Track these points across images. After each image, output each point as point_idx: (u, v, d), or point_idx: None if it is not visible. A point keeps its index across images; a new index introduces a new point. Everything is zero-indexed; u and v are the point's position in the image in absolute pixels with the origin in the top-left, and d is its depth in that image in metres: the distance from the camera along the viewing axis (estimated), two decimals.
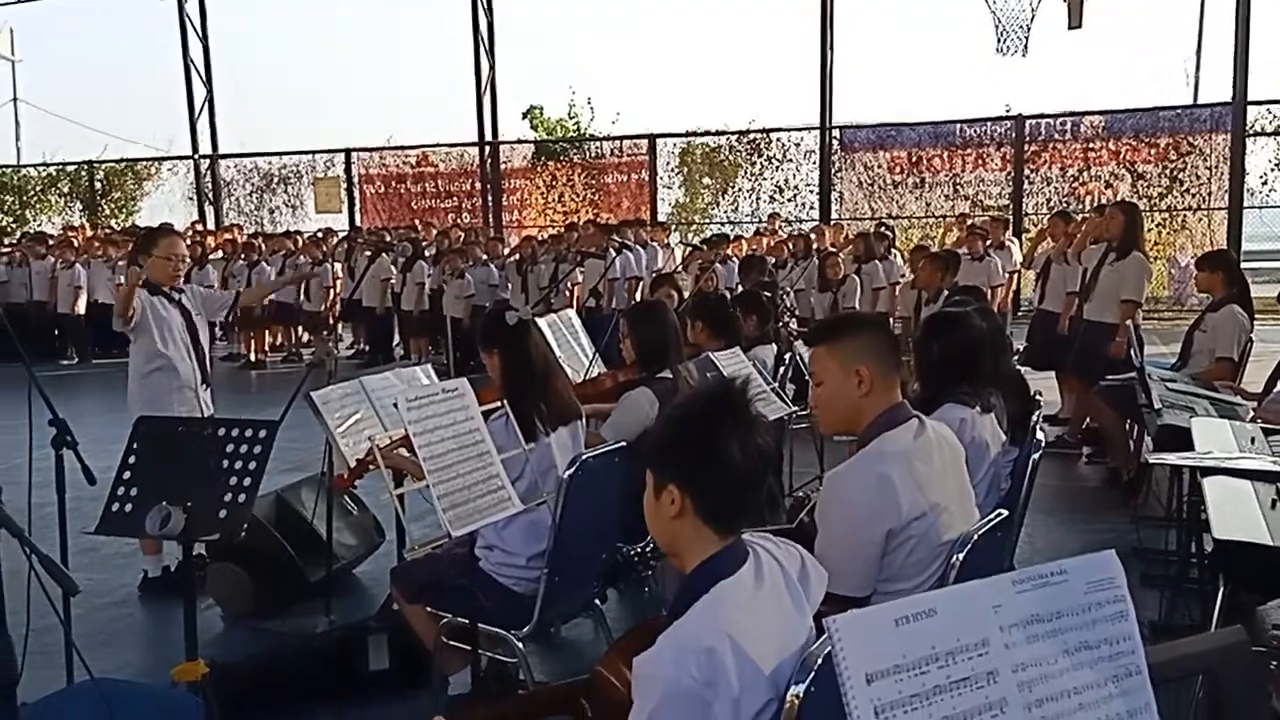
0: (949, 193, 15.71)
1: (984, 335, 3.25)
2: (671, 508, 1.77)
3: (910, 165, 15.84)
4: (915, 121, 16.00)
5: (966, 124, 15.64)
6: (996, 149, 15.54)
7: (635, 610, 4.62)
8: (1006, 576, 1.26)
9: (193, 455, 2.95)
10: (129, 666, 4.00)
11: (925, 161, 15.77)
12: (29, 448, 2.80)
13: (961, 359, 3.17)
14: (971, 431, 2.98)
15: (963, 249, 9.83)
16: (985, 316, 3.51)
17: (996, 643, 1.21)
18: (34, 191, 20.52)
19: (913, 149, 15.86)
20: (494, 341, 3.40)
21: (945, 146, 15.71)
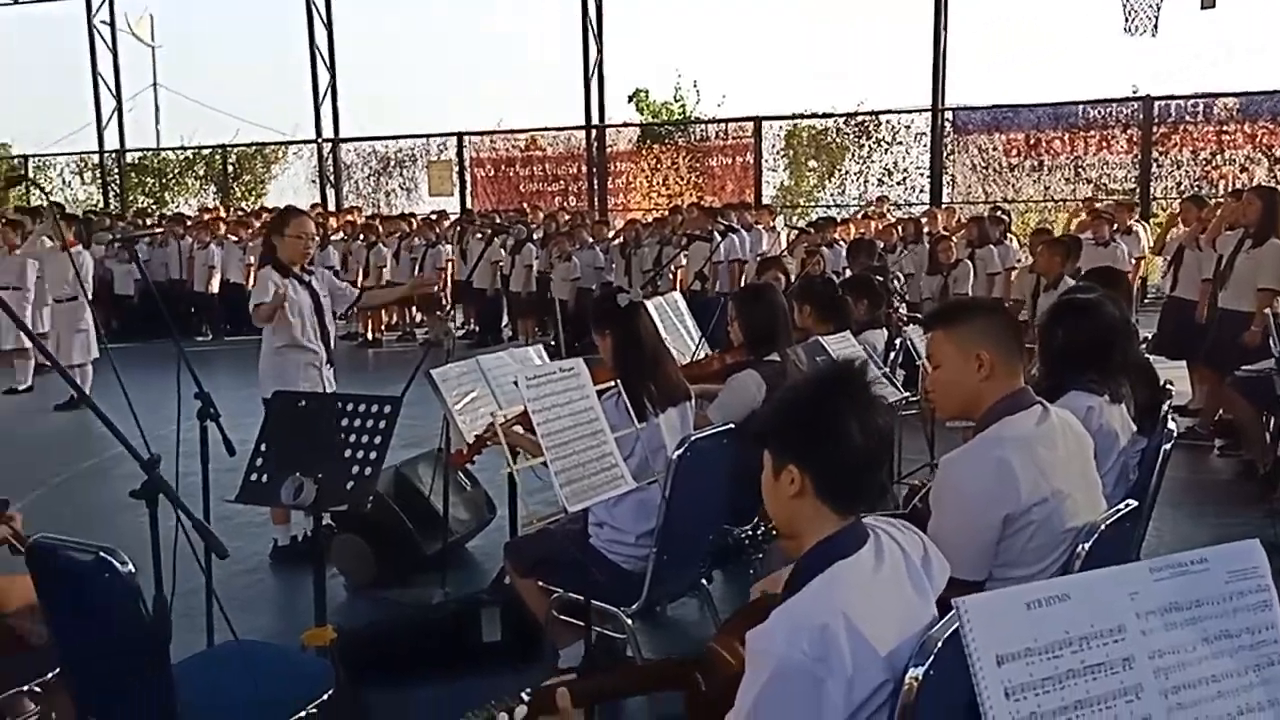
0: (1069, 176, 15.17)
1: (1115, 322, 3.16)
2: (791, 487, 1.78)
3: (1028, 148, 15.35)
4: (1034, 103, 15.48)
5: (1089, 105, 15.06)
6: (1122, 131, 14.93)
7: (741, 592, 4.63)
8: (1143, 564, 1.24)
9: (322, 430, 3.09)
10: (260, 630, 4.20)
11: (1044, 144, 15.26)
12: (177, 419, 2.97)
13: (1090, 346, 3.09)
14: (1099, 420, 2.91)
15: (1086, 233, 9.49)
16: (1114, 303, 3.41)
17: (1133, 629, 1.20)
18: (172, 174, 21.55)
19: (1030, 131, 15.36)
20: (606, 322, 3.45)
21: (1066, 128, 15.16)
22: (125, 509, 5.87)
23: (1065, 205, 14.94)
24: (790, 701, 1.61)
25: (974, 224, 11.04)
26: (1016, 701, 1.13)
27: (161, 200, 21.07)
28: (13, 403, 9.75)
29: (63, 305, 9.01)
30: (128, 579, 2.19)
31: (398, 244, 13.66)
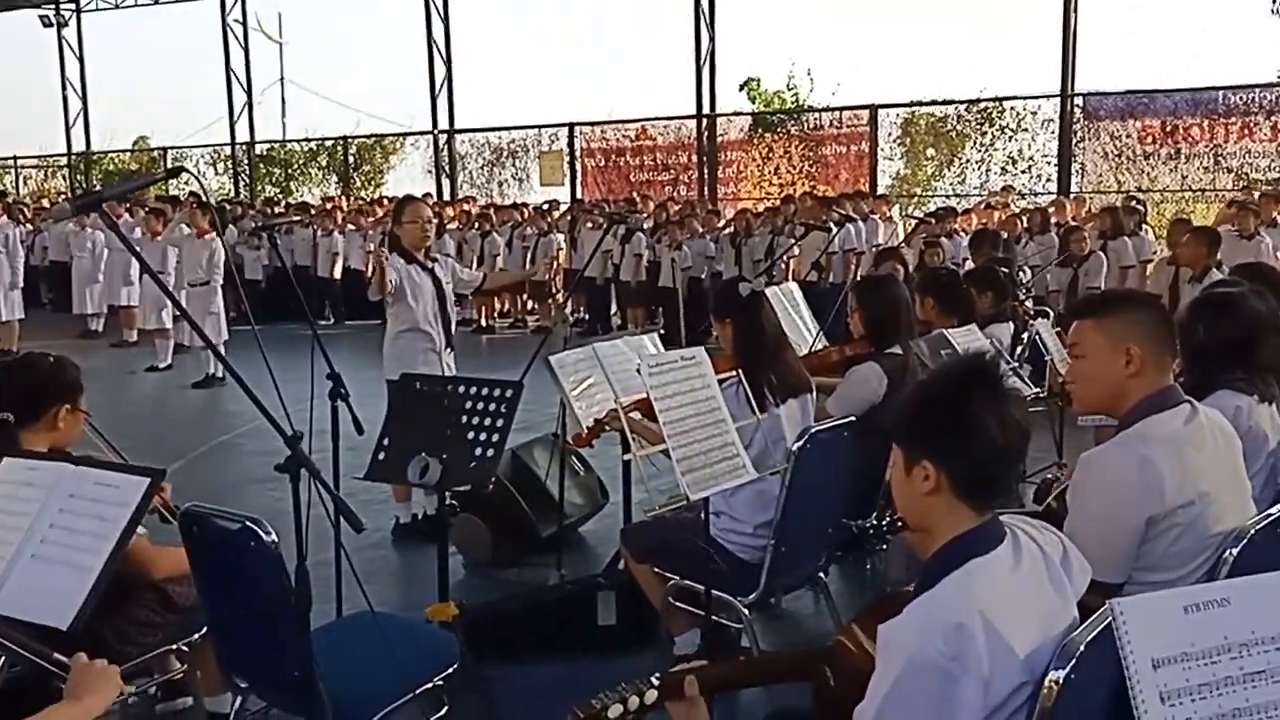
0: (1208, 165, 14.40)
1: (1260, 319, 3.00)
2: (925, 484, 1.74)
3: (1164, 135, 14.61)
4: (1171, 88, 14.74)
5: (1231, 90, 14.26)
6: (1266, 118, 14.10)
7: (857, 586, 4.60)
8: None
9: (446, 411, 3.18)
10: (382, 602, 4.32)
11: (1182, 131, 14.51)
12: (310, 398, 3.10)
13: (1232, 344, 2.94)
14: (1248, 420, 2.76)
15: (1227, 225, 8.99)
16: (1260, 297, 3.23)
17: None
18: (297, 165, 22.41)
19: (1167, 118, 14.62)
20: (727, 311, 3.45)
21: (1205, 115, 14.38)
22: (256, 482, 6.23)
23: (1204, 195, 14.21)
24: (923, 698, 1.58)
25: (1107, 214, 10.57)
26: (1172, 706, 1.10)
27: (287, 190, 21.91)
28: (154, 380, 10.33)
29: (196, 289, 9.48)
30: (271, 548, 2.30)
31: (510, 233, 13.90)
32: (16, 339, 11.33)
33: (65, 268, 13.84)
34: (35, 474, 2.27)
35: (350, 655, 2.62)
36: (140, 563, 2.83)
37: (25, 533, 2.18)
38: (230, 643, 2.63)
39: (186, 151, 23.15)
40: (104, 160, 24.52)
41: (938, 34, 24.55)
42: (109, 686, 1.91)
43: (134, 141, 24.97)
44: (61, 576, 2.07)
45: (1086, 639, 1.60)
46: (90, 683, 1.89)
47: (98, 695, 1.89)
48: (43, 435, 2.83)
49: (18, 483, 2.26)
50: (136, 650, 2.89)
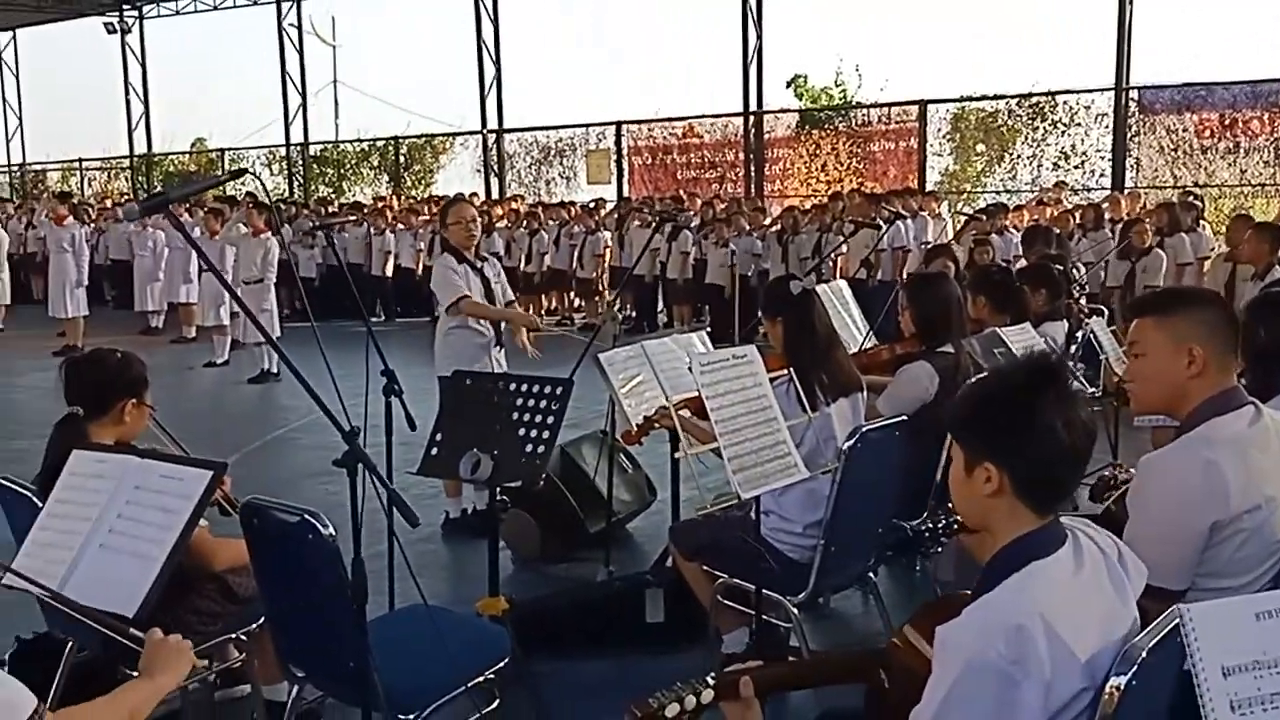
0: (1269, 159, 14.03)
1: None
2: (987, 485, 1.71)
3: (1222, 129, 14.26)
4: (1230, 80, 14.38)
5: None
6: None
7: (905, 586, 4.56)
8: None
9: (497, 408, 3.21)
10: (433, 597, 4.31)
11: (1241, 124, 14.14)
12: (365, 393, 3.15)
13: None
14: None
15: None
16: None
17: None
18: (349, 165, 22.74)
19: (1226, 110, 14.27)
20: (778, 309, 3.44)
21: (1266, 107, 14.01)
22: (310, 476, 6.33)
23: (1263, 190, 13.85)
24: (982, 701, 1.56)
25: (1164, 210, 10.35)
26: (1243, 715, 1.08)
27: (339, 189, 22.23)
28: (211, 375, 10.56)
29: (250, 287, 9.65)
30: (329, 541, 2.34)
31: (557, 231, 13.97)
32: (81, 335, 11.67)
33: (126, 266, 14.18)
34: (103, 466, 2.33)
35: (404, 648, 2.65)
36: (201, 554, 2.89)
37: (94, 523, 2.25)
38: (288, 633, 2.68)
39: (243, 153, 23.61)
40: (164, 162, 25.08)
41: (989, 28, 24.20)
42: (182, 662, 1.94)
43: (192, 143, 25.54)
44: (128, 566, 2.13)
45: (1149, 644, 1.58)
46: (164, 659, 1.92)
47: (171, 673, 1.92)
48: (110, 429, 2.91)
49: (87, 475, 2.33)
50: (197, 639, 2.91)
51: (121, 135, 24.92)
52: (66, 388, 2.94)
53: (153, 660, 1.92)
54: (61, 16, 24.11)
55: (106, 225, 16.07)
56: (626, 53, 26.12)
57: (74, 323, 11.76)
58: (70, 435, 2.82)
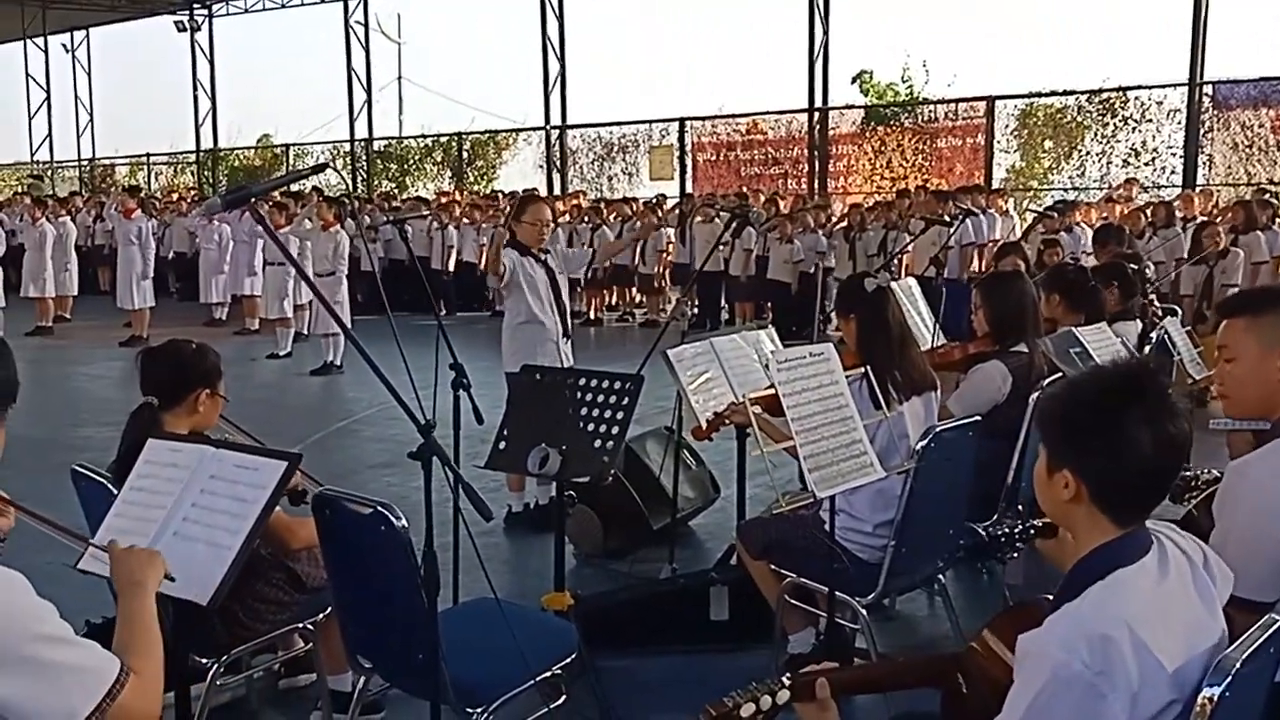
0: None
1: None
2: (1065, 492, 1.67)
3: None
4: None
5: None
6: None
7: (974, 591, 4.47)
8: None
9: (565, 403, 3.20)
10: (498, 592, 4.41)
11: None
12: (434, 388, 3.16)
13: None
14: None
15: None
16: None
17: None
18: (413, 160, 23.01)
19: None
20: (851, 307, 3.38)
21: None
22: (373, 468, 6.41)
23: None
24: (1066, 713, 1.52)
25: (1240, 208, 10.05)
26: None
27: (402, 184, 22.51)
28: (274, 367, 10.74)
29: (322, 279, 9.79)
30: (402, 533, 2.35)
31: (620, 226, 13.97)
32: (147, 326, 11.95)
33: (191, 259, 14.49)
34: (179, 455, 2.36)
35: (472, 641, 2.65)
36: (279, 534, 2.91)
37: (169, 511, 2.27)
38: (357, 624, 2.70)
39: (307, 148, 24.01)
40: (229, 157, 25.62)
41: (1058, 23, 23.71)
42: (155, 561, 1.90)
43: (258, 139, 26.04)
44: (202, 554, 2.15)
45: (1243, 656, 1.53)
46: (138, 565, 1.87)
47: (152, 571, 1.87)
48: (184, 419, 2.94)
49: (162, 463, 2.36)
50: (265, 627, 3.00)
51: (189, 131, 25.59)
52: (142, 377, 2.98)
53: (131, 568, 1.86)
54: (134, 15, 24.73)
55: (171, 219, 16.44)
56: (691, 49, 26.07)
57: (140, 314, 12.06)
58: (145, 424, 2.86)
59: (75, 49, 27.51)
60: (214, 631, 2.81)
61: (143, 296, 12.05)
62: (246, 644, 2.97)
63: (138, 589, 1.82)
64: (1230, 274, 8.90)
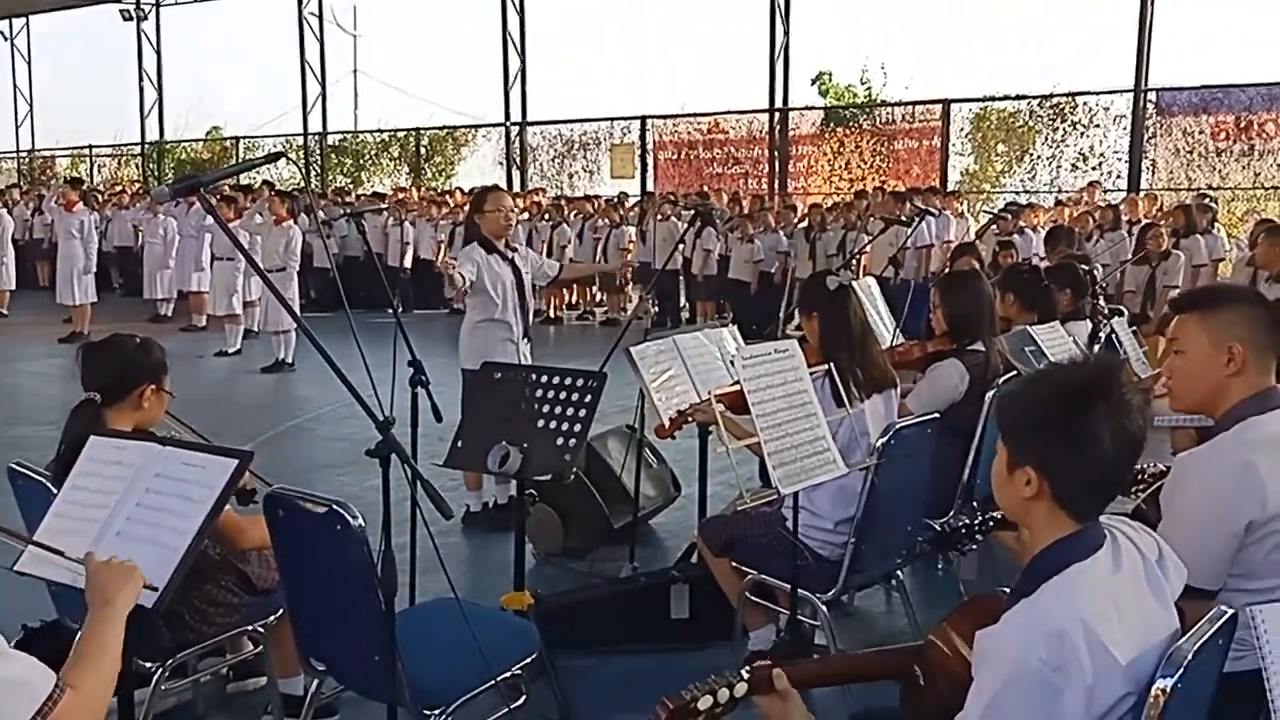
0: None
1: None
2: (1026, 489, 1.69)
3: (1238, 131, 14.19)
4: (1246, 83, 14.28)
5: None
6: None
7: (929, 586, 4.50)
8: None
9: (525, 401, 3.16)
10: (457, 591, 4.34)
11: (1257, 127, 14.07)
12: (391, 384, 3.09)
13: None
14: None
15: None
16: None
17: None
18: (368, 155, 22.69)
19: (1242, 113, 14.19)
20: (815, 304, 3.39)
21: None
22: (326, 467, 6.29)
23: (1277, 193, 13.77)
24: (1025, 710, 1.55)
25: (1180, 212, 10.34)
26: None
27: (358, 180, 22.20)
28: (223, 365, 10.50)
29: (273, 275, 9.60)
30: (358, 532, 2.29)
31: (581, 225, 13.91)
32: (88, 322, 11.60)
33: (134, 253, 14.12)
34: (122, 453, 2.28)
35: (430, 641, 2.60)
36: (229, 533, 2.82)
37: (112, 510, 2.18)
38: (310, 626, 2.63)
39: (258, 141, 23.58)
40: (176, 150, 25.09)
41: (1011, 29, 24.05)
42: (134, 581, 1.85)
43: (206, 132, 25.51)
44: (147, 554, 2.06)
45: (1194, 646, 1.56)
46: (112, 583, 1.83)
47: (126, 592, 1.82)
48: (128, 415, 2.84)
49: (105, 461, 2.27)
50: (213, 630, 2.91)
51: (134, 123, 24.95)
52: (84, 373, 2.87)
53: (104, 584, 1.82)
54: (77, 4, 24.07)
55: (114, 212, 16.05)
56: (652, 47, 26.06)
57: (81, 310, 11.69)
58: (87, 421, 2.75)
59: (14, 37, 26.69)
60: (159, 634, 2.72)
61: (84, 292, 11.68)
62: (193, 647, 2.88)
63: (107, 609, 1.78)
64: (1171, 275, 9.12)
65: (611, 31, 26.49)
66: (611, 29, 26.79)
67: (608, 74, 26.30)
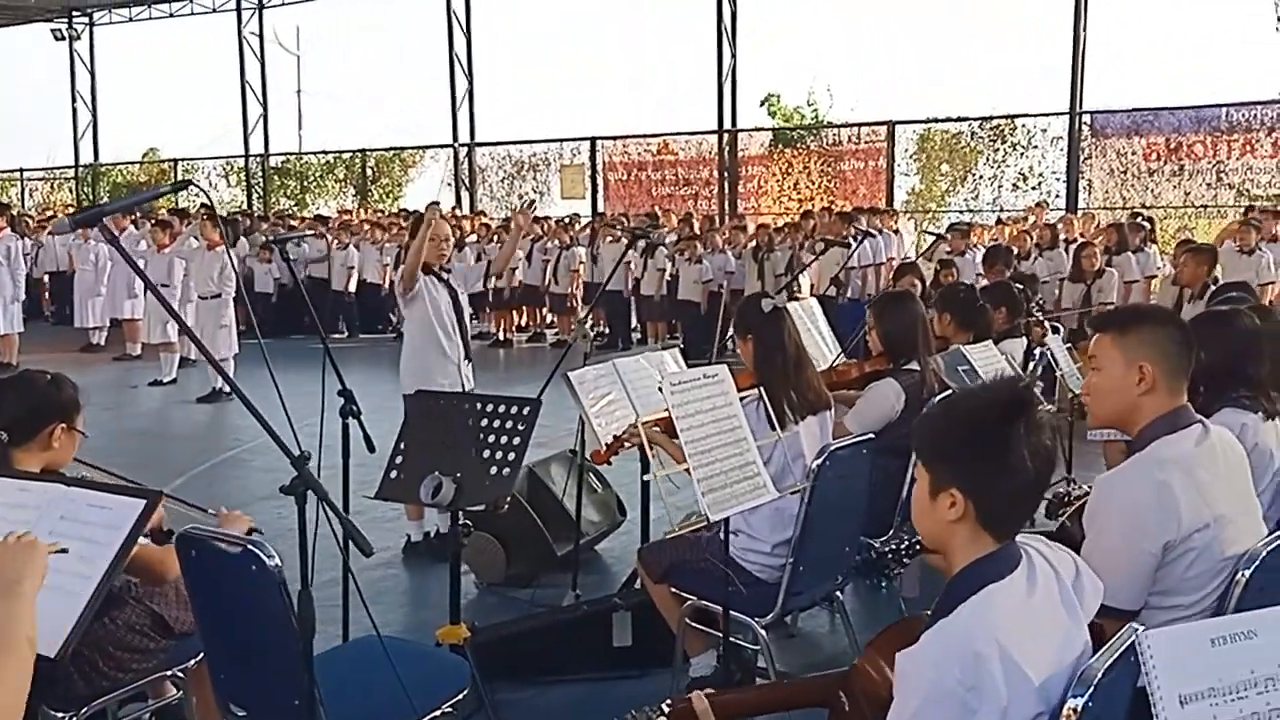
0: (1211, 181, 14.41)
1: (1252, 334, 2.92)
2: (951, 511, 1.70)
3: (1168, 152, 14.64)
4: (1175, 105, 14.74)
5: (1233, 108, 14.26)
6: (1267, 134, 14.09)
7: (871, 605, 4.50)
8: None
9: (461, 429, 3.10)
10: (392, 624, 4.25)
11: (1185, 148, 14.52)
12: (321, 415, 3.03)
13: (1234, 361, 2.87)
14: (1254, 438, 2.71)
15: (1230, 241, 9.03)
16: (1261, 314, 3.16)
17: None
18: (312, 177, 22.42)
19: (1171, 135, 14.64)
20: (749, 327, 3.39)
21: (1209, 132, 14.39)
22: (262, 499, 6.14)
23: (1206, 211, 14.18)
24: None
25: (1113, 230, 10.62)
26: None
27: (302, 202, 21.94)
28: (157, 394, 10.21)
29: (207, 302, 9.41)
30: (275, 572, 2.22)
31: (531, 246, 13.86)
32: (16, 352, 11.18)
33: (67, 279, 13.72)
34: (26, 495, 2.18)
35: (355, 682, 2.53)
36: (152, 569, 2.71)
37: None
38: (228, 670, 2.54)
39: (198, 163, 23.22)
40: (112, 172, 24.60)
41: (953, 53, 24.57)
42: (37, 557, 1.71)
43: (144, 154, 25.07)
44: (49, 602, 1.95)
45: (1105, 665, 1.57)
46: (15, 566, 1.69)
47: (31, 573, 1.68)
48: (36, 455, 2.72)
49: (8, 504, 2.18)
50: (129, 676, 2.78)
51: (67, 145, 24.46)
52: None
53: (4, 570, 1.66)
54: (6, 22, 23.53)
55: (46, 238, 15.63)
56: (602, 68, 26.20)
57: (8, 340, 11.23)
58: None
59: None
60: (71, 683, 2.61)
61: (10, 321, 11.22)
62: (108, 695, 2.76)
63: (11, 596, 1.63)
64: (1106, 292, 9.32)
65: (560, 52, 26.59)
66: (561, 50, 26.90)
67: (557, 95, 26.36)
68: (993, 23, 25.48)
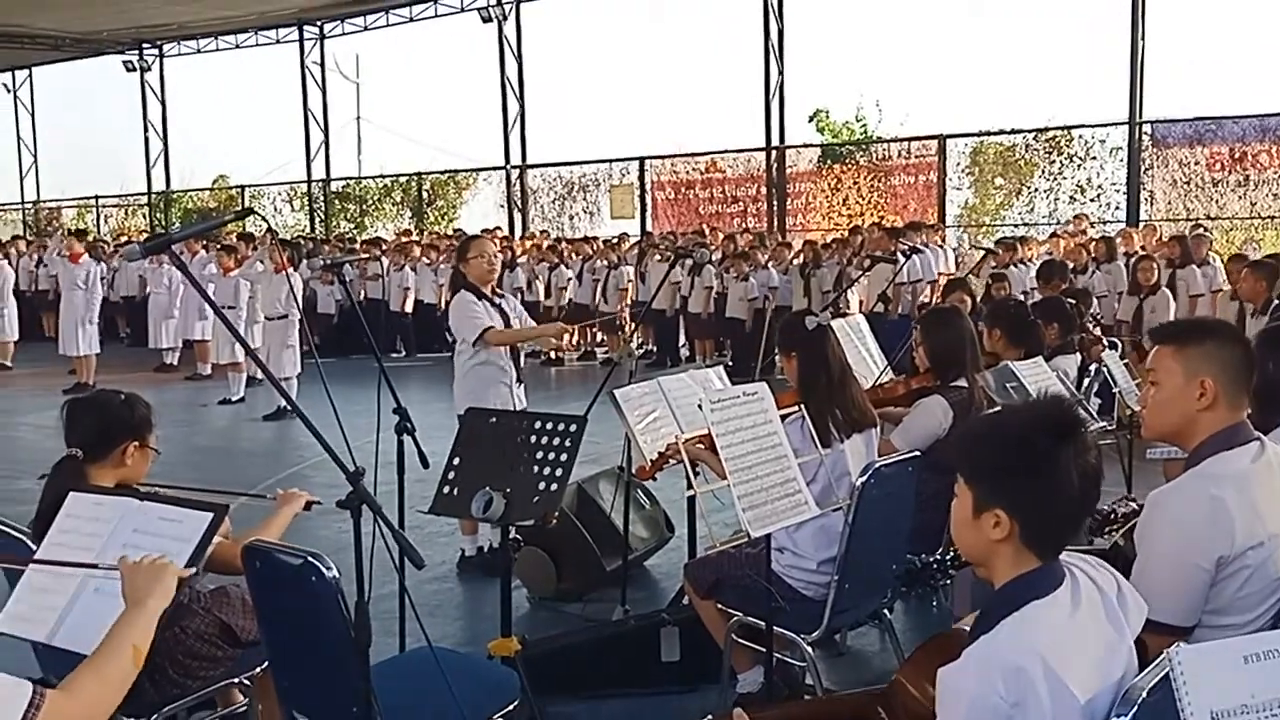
0: (1277, 191, 14.00)
1: None
2: (995, 531, 1.71)
3: (1233, 162, 14.27)
4: (1239, 114, 14.39)
5: None
6: None
7: (922, 622, 4.49)
8: None
9: (511, 446, 3.18)
10: (446, 636, 4.35)
11: (1250, 158, 14.14)
12: (376, 433, 3.13)
13: None
14: None
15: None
16: None
17: None
18: (371, 200, 22.92)
19: (1235, 144, 14.27)
20: (793, 345, 3.42)
21: (1274, 140, 14.00)
22: (323, 515, 6.21)
23: (1272, 222, 13.83)
24: None
25: (1176, 242, 10.37)
26: None
27: (361, 225, 22.41)
28: (226, 412, 10.56)
29: (274, 323, 9.70)
30: (332, 583, 2.31)
31: (580, 265, 14.00)
32: (93, 373, 11.62)
33: (139, 303, 14.20)
34: (101, 509, 2.31)
35: (410, 691, 2.62)
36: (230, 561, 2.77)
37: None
38: (290, 677, 2.65)
39: (263, 189, 23.84)
40: (183, 199, 25.36)
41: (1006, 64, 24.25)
42: (165, 576, 1.86)
43: (213, 180, 25.80)
44: None
45: (1149, 684, 1.56)
46: (145, 583, 1.84)
47: (159, 592, 1.83)
48: (110, 471, 2.86)
49: (84, 517, 2.31)
50: (198, 684, 2.91)
51: (140, 173, 25.22)
52: (68, 429, 2.89)
53: (135, 586, 1.83)
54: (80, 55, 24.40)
55: (121, 263, 16.20)
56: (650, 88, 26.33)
57: (85, 360, 11.71)
58: (67, 477, 2.77)
59: (17, 89, 27.06)
60: (142, 690, 2.74)
61: (88, 342, 11.69)
62: (178, 701, 2.89)
63: (135, 608, 1.79)
64: (1161, 313, 9.08)
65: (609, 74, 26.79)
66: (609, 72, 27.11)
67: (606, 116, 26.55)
68: (1047, 31, 25.17)
